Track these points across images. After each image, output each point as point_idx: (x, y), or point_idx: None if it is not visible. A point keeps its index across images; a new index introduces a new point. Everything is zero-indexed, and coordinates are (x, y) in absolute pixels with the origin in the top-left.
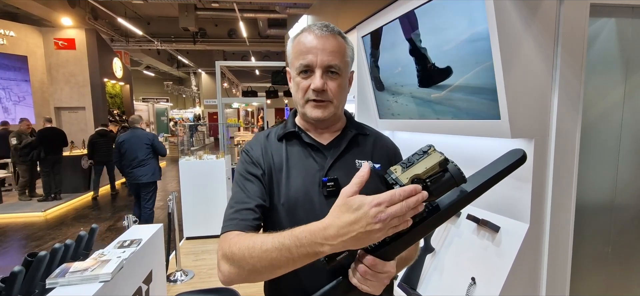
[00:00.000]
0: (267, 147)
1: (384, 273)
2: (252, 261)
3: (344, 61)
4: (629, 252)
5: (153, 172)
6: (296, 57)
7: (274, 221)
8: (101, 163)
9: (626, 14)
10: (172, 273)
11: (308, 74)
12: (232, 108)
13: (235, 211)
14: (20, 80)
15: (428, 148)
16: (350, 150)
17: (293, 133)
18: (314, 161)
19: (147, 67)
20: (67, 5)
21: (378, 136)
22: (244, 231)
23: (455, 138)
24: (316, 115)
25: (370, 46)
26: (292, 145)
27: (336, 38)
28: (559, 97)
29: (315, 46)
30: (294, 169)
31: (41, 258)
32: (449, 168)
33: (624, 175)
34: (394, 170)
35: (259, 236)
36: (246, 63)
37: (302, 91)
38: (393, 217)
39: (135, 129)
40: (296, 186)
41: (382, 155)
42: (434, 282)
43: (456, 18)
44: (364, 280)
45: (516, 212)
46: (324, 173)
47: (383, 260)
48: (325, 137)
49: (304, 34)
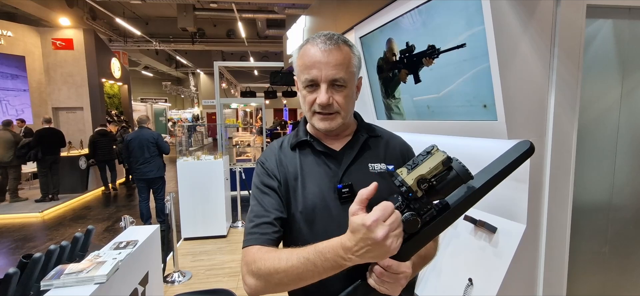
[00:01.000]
0: (281, 157)
1: (400, 273)
2: (278, 276)
3: (350, 72)
4: (626, 253)
5: (158, 168)
6: (301, 71)
7: (293, 230)
8: (103, 162)
9: (623, 16)
10: (170, 274)
11: (313, 88)
12: (230, 109)
13: (254, 225)
14: (18, 81)
15: (431, 149)
16: (363, 154)
17: (305, 142)
18: (328, 168)
19: (146, 67)
20: (65, 5)
21: (390, 137)
22: (265, 245)
23: (452, 139)
24: (324, 126)
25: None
26: (306, 153)
27: (341, 49)
28: (556, 98)
29: (319, 60)
30: (309, 178)
31: (36, 260)
32: (454, 166)
33: (620, 176)
34: (400, 173)
35: (283, 252)
36: (245, 63)
37: (309, 104)
38: (393, 229)
39: (142, 128)
40: (312, 194)
41: (395, 155)
42: (432, 283)
43: (453, 19)
44: (381, 281)
45: (513, 213)
46: (338, 180)
47: (397, 261)
48: (337, 143)
49: (307, 47)
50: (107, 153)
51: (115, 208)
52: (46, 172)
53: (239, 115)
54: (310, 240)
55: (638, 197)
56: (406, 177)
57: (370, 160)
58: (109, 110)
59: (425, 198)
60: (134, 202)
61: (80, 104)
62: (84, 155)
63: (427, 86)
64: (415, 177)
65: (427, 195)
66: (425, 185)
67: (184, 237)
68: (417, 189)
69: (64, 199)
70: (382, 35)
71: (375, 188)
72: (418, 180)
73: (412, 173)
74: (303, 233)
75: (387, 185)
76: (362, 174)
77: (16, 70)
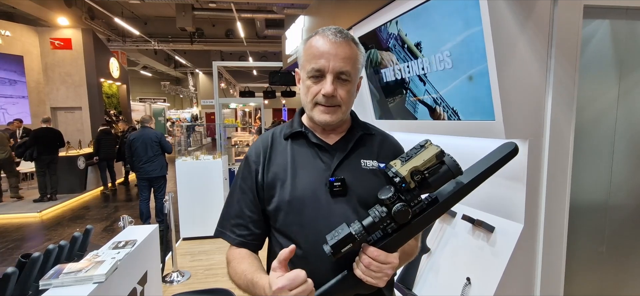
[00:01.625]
0: (271, 149)
1: (387, 264)
2: (238, 284)
3: (356, 68)
4: (623, 252)
5: (161, 167)
6: (308, 61)
7: (278, 219)
8: (105, 160)
9: (620, 16)
10: (169, 273)
11: (319, 79)
12: (229, 109)
13: (233, 225)
14: (16, 80)
15: (425, 143)
16: (357, 150)
17: (299, 132)
18: (321, 161)
19: (144, 67)
20: (63, 5)
21: (384, 136)
22: (238, 247)
23: (451, 139)
24: (324, 119)
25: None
26: (299, 144)
27: (350, 45)
28: (553, 97)
29: (328, 51)
30: (301, 169)
31: (35, 259)
32: (446, 161)
33: (618, 175)
34: (394, 164)
35: (241, 266)
36: (243, 63)
37: (312, 95)
38: None
39: (145, 128)
40: (303, 185)
41: (388, 154)
42: (430, 282)
43: (451, 19)
44: (368, 271)
45: (511, 212)
46: (331, 173)
47: (386, 252)
48: (331, 137)
49: (316, 38)
50: (110, 151)
51: (114, 209)
52: (44, 171)
53: (238, 115)
54: (298, 231)
55: (635, 197)
56: (400, 168)
57: (363, 157)
58: (107, 110)
59: (417, 190)
60: (132, 203)
61: (78, 104)
62: (83, 154)
63: (426, 86)
64: (409, 168)
65: (419, 187)
66: (418, 176)
67: (182, 237)
68: (411, 180)
69: (63, 199)
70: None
71: (292, 251)
72: (412, 172)
73: (406, 164)
74: (290, 223)
75: (379, 182)
76: (355, 169)
77: (15, 74)
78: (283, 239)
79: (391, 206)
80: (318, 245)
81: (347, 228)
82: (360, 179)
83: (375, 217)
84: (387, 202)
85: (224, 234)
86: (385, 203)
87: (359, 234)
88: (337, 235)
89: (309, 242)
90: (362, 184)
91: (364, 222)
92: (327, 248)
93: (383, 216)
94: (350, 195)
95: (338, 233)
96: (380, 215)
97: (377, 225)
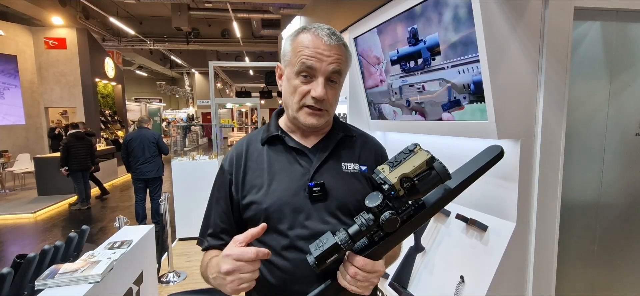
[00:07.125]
0: (246, 153)
1: (374, 272)
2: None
3: (345, 71)
4: (614, 250)
5: (158, 168)
6: (296, 56)
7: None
8: (78, 171)
9: (610, 18)
10: (165, 274)
11: (308, 79)
12: (225, 109)
13: (208, 235)
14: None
15: (414, 147)
16: (337, 152)
17: (276, 136)
18: (299, 165)
19: (140, 67)
20: (57, 4)
21: (364, 137)
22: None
23: (443, 139)
24: (311, 122)
25: None
26: (276, 150)
27: (342, 48)
28: (545, 98)
29: (322, 52)
30: (278, 174)
31: (30, 260)
32: (435, 167)
33: (609, 175)
34: (382, 170)
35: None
36: (240, 63)
37: (300, 95)
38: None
39: (142, 128)
40: (280, 191)
41: (369, 156)
42: (425, 281)
43: (445, 20)
44: (355, 281)
45: (503, 211)
46: (310, 178)
47: (372, 260)
48: (311, 139)
49: (308, 35)
50: (83, 161)
51: (110, 210)
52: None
53: (234, 115)
54: (277, 239)
55: (625, 196)
56: (389, 174)
57: (344, 159)
58: (103, 110)
59: (405, 197)
60: (128, 204)
61: (73, 104)
62: None
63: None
64: (398, 175)
65: (408, 194)
66: (408, 184)
67: (178, 237)
68: (400, 188)
69: (57, 199)
70: (377, 36)
71: (264, 228)
72: (401, 179)
73: (395, 171)
74: (269, 231)
75: (360, 185)
76: (335, 173)
77: (8, 77)
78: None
79: (379, 214)
80: (298, 252)
81: (332, 238)
82: (340, 183)
83: (362, 225)
84: (375, 209)
85: (202, 243)
86: (372, 210)
87: (345, 244)
88: (322, 246)
89: (289, 250)
90: (342, 188)
91: (349, 230)
92: (311, 259)
93: (370, 224)
94: (330, 200)
95: (323, 244)
96: (367, 223)
97: (363, 234)
